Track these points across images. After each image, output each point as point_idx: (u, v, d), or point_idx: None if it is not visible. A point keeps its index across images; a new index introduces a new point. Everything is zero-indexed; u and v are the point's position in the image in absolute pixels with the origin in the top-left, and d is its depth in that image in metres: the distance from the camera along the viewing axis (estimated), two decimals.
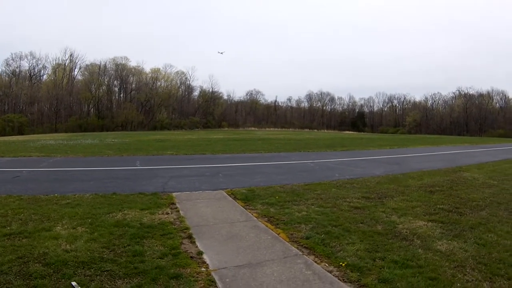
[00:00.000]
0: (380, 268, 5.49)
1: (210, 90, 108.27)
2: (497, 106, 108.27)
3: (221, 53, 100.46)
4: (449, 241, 6.83)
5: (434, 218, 8.40)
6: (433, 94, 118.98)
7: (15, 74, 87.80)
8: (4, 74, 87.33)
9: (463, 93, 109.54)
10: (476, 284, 5.06)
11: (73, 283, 4.64)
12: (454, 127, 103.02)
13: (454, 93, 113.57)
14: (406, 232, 7.35)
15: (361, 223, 7.93)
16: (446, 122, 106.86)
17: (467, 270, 5.50)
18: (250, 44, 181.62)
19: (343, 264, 5.62)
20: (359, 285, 5.03)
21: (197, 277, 5.07)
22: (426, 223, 8.05)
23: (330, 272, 5.40)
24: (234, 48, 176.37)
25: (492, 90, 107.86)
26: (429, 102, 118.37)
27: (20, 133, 66.17)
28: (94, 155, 20.54)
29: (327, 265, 5.68)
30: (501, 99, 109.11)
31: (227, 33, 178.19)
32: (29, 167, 15.45)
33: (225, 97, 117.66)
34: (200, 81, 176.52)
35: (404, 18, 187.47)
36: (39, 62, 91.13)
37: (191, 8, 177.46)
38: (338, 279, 5.18)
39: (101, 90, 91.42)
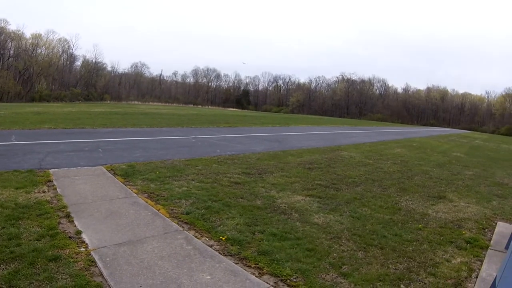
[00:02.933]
0: (260, 241, 5.66)
1: (94, 61, 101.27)
2: (377, 93, 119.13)
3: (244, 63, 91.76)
4: (326, 215, 7.29)
5: (311, 193, 8.90)
6: (318, 77, 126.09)
7: None
8: None
9: (346, 78, 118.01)
10: (351, 254, 5.47)
11: None
12: (336, 109, 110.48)
13: (337, 77, 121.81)
14: (285, 206, 7.67)
15: (241, 198, 8.10)
16: (328, 104, 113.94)
17: (343, 241, 5.92)
18: (139, 14, 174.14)
19: (223, 238, 5.70)
20: (239, 258, 5.14)
21: (76, 257, 4.79)
22: (304, 197, 8.49)
23: (211, 246, 5.44)
24: (121, 18, 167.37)
25: (374, 77, 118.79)
26: (313, 84, 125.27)
27: None
28: None
29: (207, 239, 5.71)
30: (381, 86, 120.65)
31: (115, 1, 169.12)
32: None
33: (109, 68, 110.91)
34: (83, 50, 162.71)
35: (293, 1, 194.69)
36: None
37: None
38: (219, 253, 5.23)
39: None
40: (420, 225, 7.13)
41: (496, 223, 7.95)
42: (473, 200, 9.91)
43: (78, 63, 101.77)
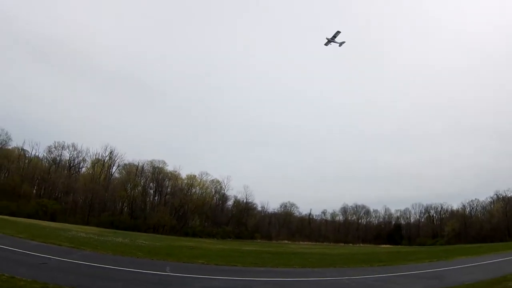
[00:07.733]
0: None
1: (244, 201, 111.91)
2: None
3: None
4: None
5: None
6: (471, 200, 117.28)
7: (55, 162, 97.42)
8: (45, 160, 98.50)
9: (501, 196, 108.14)
10: None
11: None
12: (495, 233, 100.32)
13: (492, 197, 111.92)
14: None
15: None
16: (486, 228, 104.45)
17: None
18: (284, 155, 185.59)
19: None
20: None
21: None
22: None
23: None
24: (269, 159, 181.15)
25: None
26: (467, 210, 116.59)
27: (53, 219, 70.57)
28: (123, 255, 21.12)
29: None
30: None
31: (260, 141, 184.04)
32: (57, 256, 16.55)
33: (259, 208, 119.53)
34: (234, 191, 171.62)
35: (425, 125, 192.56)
36: (80, 154, 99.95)
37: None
38: None
39: (136, 191, 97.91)
40: None
41: None
42: None
43: (230, 202, 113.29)
